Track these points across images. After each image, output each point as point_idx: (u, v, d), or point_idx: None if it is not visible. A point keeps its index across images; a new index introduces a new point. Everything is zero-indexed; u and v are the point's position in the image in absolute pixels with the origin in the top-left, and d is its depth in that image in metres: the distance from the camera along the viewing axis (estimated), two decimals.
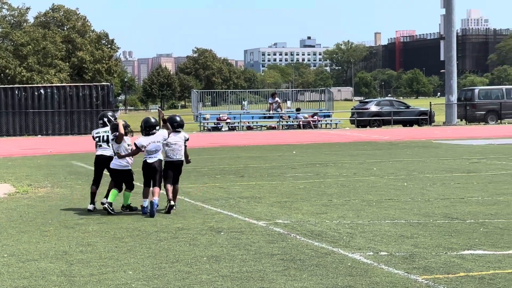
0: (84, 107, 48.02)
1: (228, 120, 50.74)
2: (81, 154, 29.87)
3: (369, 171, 20.91)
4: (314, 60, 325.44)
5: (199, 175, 20.69)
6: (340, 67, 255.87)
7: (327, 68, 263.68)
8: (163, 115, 14.80)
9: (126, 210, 14.27)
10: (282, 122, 51.18)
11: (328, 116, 52.97)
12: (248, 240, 11.03)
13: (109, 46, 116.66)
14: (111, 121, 14.66)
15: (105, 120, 14.84)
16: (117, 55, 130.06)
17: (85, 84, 51.78)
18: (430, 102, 54.42)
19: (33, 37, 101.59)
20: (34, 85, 55.62)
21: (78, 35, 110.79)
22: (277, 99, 52.31)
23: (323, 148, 31.17)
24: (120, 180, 14.34)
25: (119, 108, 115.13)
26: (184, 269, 9.24)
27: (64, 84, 59.21)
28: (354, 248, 10.31)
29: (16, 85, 61.56)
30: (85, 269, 9.38)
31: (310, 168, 22.20)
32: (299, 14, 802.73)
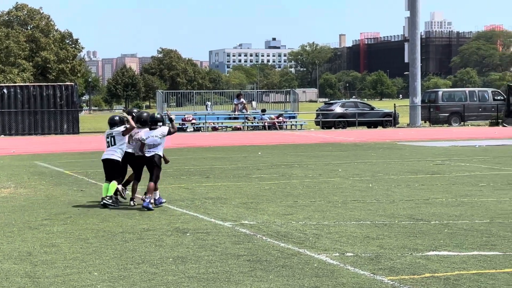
0: (48, 107, 47.63)
1: (193, 121, 50.65)
2: (45, 155, 29.65)
3: (334, 172, 20.98)
4: (279, 61, 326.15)
5: (164, 176, 20.58)
6: (305, 69, 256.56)
7: (292, 70, 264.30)
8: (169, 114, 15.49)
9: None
10: (247, 123, 51.19)
11: (293, 117, 53.10)
12: (214, 241, 11.00)
13: (73, 46, 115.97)
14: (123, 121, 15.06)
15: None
16: (81, 55, 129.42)
17: (49, 84, 51.34)
18: (395, 104, 54.78)
19: None
20: None
21: (42, 35, 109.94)
22: (242, 100, 52.34)
23: (288, 149, 31.23)
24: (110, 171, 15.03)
25: (83, 108, 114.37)
26: (150, 270, 9.19)
27: (28, 84, 58.65)
28: (320, 249, 10.32)
29: None
30: (50, 270, 9.29)
31: (276, 169, 22.22)
32: (264, 15, 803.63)
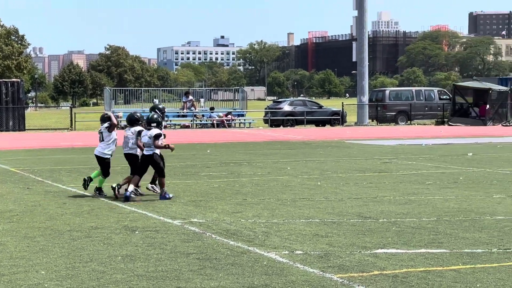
0: None
1: None
2: None
3: (283, 171, 21.03)
4: (228, 60, 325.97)
5: (113, 174, 20.40)
6: (253, 67, 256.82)
7: (241, 68, 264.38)
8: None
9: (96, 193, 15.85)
10: (196, 121, 51.08)
11: (242, 115, 53.12)
12: (163, 239, 10.95)
13: (19, 42, 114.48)
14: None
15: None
16: (27, 51, 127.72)
17: None
18: (342, 103, 55.10)
19: None
20: None
21: None
22: (191, 98, 52.22)
23: (237, 147, 31.23)
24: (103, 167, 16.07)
25: (29, 105, 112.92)
26: (99, 269, 9.11)
27: None
28: (270, 247, 10.34)
29: None
30: None
31: (225, 167, 22.21)
32: (213, 13, 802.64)
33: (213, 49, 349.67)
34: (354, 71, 60.12)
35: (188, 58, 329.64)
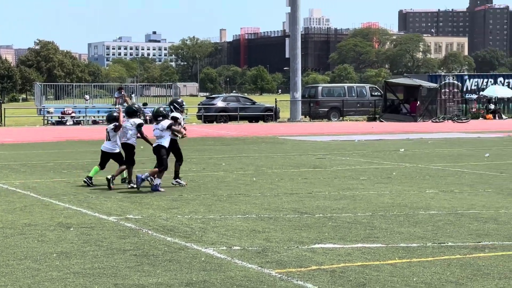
0: None
1: (73, 114, 49.77)
2: None
3: (218, 166, 21.00)
4: (160, 55, 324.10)
5: (45, 170, 20.17)
6: (186, 63, 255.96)
7: (173, 64, 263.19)
8: None
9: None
10: None
11: None
12: (99, 236, 10.82)
13: None
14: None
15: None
16: None
17: None
18: (276, 99, 55.30)
19: None
20: None
21: None
22: (123, 94, 51.79)
23: None
24: (105, 161, 16.86)
25: None
26: (33, 266, 8.95)
27: None
28: (207, 243, 10.29)
29: None
30: None
31: None
32: (145, 8, 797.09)
33: (145, 45, 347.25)
34: (287, 68, 60.30)
35: (120, 54, 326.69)
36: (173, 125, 16.21)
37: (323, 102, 53.19)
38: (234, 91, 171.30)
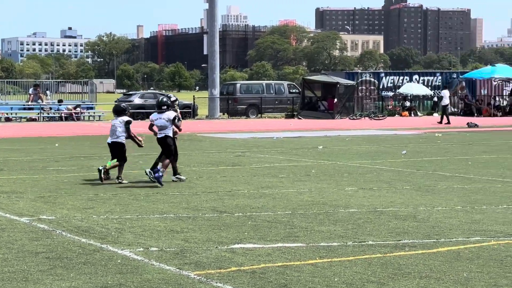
0: None
1: None
2: None
3: (135, 164, 20.61)
4: (76, 51, 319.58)
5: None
6: (102, 59, 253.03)
7: (89, 60, 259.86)
8: None
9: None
10: (44, 114, 49.65)
11: (91, 108, 52.07)
12: (10, 238, 10.40)
13: None
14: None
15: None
16: None
17: None
18: (194, 96, 54.94)
19: None
20: None
21: None
22: (38, 90, 50.74)
23: (87, 141, 30.50)
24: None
25: None
26: None
27: None
28: (124, 244, 9.99)
29: None
30: None
31: (75, 161, 21.58)
32: (60, 3, 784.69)
33: (60, 41, 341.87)
34: (204, 65, 60.01)
35: (34, 50, 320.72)
36: (177, 122, 16.70)
37: (242, 99, 53.05)
38: (152, 88, 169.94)
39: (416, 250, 9.63)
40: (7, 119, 49.06)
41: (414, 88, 54.11)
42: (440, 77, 56.92)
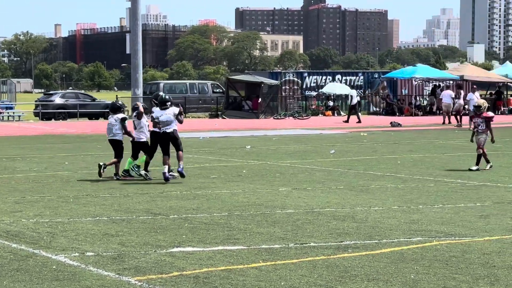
0: None
1: None
2: None
3: (61, 166, 20.07)
4: None
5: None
6: (19, 58, 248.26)
7: (5, 59, 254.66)
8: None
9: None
10: None
11: (11, 108, 50.85)
12: None
13: None
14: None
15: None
16: None
17: None
18: (117, 96, 54.13)
19: None
20: None
21: None
22: None
23: (8, 142, 29.65)
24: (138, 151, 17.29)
25: None
26: None
27: None
28: (57, 249, 9.59)
29: None
30: None
31: None
32: None
33: None
34: (124, 64, 59.24)
35: None
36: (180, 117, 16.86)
37: None
38: (71, 88, 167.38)
39: (360, 252, 9.49)
40: None
41: (337, 88, 54.34)
42: (362, 77, 57.33)
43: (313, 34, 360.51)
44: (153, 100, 17.48)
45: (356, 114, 44.20)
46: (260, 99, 49.13)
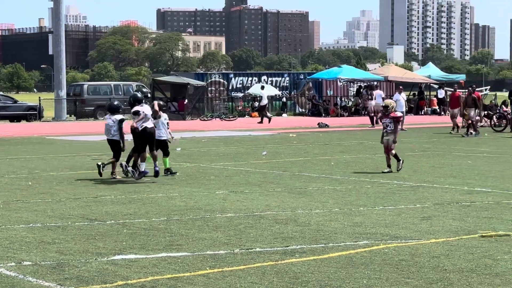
0: None
1: None
2: None
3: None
4: None
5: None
6: None
7: None
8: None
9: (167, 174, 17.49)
10: None
11: None
12: None
13: None
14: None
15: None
16: None
17: None
18: (40, 97, 53.02)
19: None
20: None
21: None
22: None
23: None
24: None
25: None
26: None
27: None
28: None
29: None
30: None
31: None
32: None
33: None
34: (44, 65, 58.08)
35: None
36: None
37: (89, 101, 51.60)
38: None
39: (307, 256, 9.27)
40: None
41: (265, 89, 54.26)
42: (288, 78, 57.40)
43: (235, 35, 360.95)
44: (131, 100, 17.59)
45: (266, 115, 44.57)
46: (187, 101, 48.75)
